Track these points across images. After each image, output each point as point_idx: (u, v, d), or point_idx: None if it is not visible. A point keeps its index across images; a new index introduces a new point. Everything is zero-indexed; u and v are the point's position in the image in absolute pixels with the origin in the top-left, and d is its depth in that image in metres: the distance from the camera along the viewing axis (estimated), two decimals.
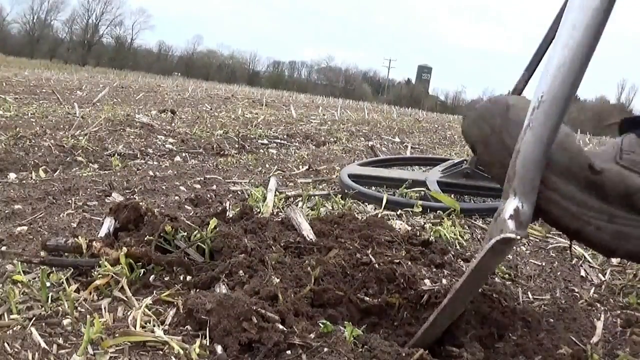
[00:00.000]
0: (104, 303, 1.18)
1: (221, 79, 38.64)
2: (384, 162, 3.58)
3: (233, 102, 10.26)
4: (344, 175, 2.80)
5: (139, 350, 1.03)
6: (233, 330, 1.05)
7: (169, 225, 1.46)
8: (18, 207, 1.88)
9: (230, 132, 4.66)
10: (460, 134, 1.47)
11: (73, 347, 1.01)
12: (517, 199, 1.05)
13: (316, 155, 4.10)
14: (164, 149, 3.60)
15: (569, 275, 1.73)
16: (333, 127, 6.71)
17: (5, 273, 1.28)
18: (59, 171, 2.66)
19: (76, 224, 1.77)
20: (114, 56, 43.30)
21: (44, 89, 7.92)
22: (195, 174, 2.89)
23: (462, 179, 2.81)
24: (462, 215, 2.34)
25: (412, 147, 5.76)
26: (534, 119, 1.04)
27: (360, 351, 1.05)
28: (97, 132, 3.73)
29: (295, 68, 52.26)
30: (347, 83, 49.03)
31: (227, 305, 1.07)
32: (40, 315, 1.10)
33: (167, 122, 4.82)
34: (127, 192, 2.32)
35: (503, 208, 1.07)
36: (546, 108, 1.03)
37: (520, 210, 1.04)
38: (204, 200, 2.26)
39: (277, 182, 2.59)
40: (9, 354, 0.96)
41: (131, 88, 10.93)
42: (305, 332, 1.09)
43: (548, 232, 2.31)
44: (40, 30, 42.45)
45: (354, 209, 2.36)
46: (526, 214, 1.04)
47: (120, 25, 45.52)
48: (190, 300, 1.13)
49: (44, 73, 14.75)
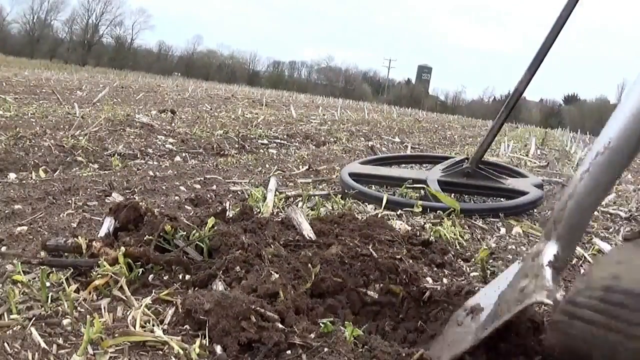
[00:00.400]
0: (103, 303, 1.18)
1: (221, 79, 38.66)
2: (385, 160, 3.58)
3: (233, 102, 10.27)
4: (344, 174, 2.80)
5: (138, 350, 1.02)
6: (232, 330, 1.05)
7: (169, 225, 1.46)
8: (18, 207, 1.88)
9: (230, 132, 4.67)
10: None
11: (73, 347, 1.01)
12: (559, 244, 1.00)
13: (316, 155, 4.11)
14: (164, 149, 3.60)
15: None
16: (333, 127, 6.71)
17: (5, 273, 1.28)
18: (59, 171, 2.66)
19: (76, 224, 1.77)
20: (114, 56, 43.30)
21: (44, 89, 7.92)
22: (195, 174, 2.89)
23: (463, 178, 2.81)
24: (462, 215, 2.34)
25: (412, 147, 5.76)
26: (596, 164, 0.97)
27: (360, 351, 1.05)
28: (97, 132, 3.73)
29: (295, 68, 52.32)
30: (347, 83, 49.05)
31: (225, 305, 1.07)
32: (40, 315, 1.10)
33: (167, 122, 4.82)
34: (127, 192, 2.32)
35: (542, 251, 1.02)
36: (612, 156, 0.96)
37: (560, 257, 0.99)
38: (204, 200, 2.26)
39: (277, 182, 2.59)
40: (9, 354, 0.96)
41: (131, 88, 10.94)
42: (305, 332, 1.09)
43: None
44: (40, 30, 42.49)
45: (354, 209, 2.36)
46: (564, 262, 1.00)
47: (120, 25, 45.59)
48: (189, 300, 1.12)
49: (44, 73, 14.76)
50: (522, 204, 2.57)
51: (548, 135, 11.34)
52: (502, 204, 2.69)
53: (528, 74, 2.58)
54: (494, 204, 2.77)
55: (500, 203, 2.74)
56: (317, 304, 1.23)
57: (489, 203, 2.86)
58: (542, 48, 2.54)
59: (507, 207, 2.57)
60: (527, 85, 2.61)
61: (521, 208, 2.57)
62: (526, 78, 2.59)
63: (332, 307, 1.24)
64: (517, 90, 2.63)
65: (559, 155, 7.10)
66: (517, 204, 2.57)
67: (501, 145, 6.35)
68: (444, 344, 1.13)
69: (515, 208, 2.55)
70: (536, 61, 2.56)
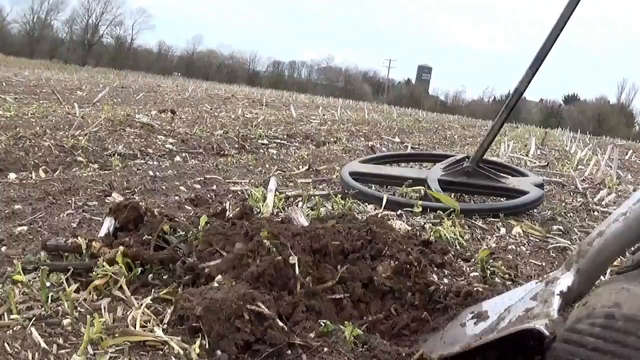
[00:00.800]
0: (103, 303, 1.18)
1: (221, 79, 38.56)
2: (386, 158, 3.57)
3: (233, 102, 10.26)
4: (345, 173, 2.80)
5: (138, 350, 1.02)
6: (227, 333, 1.04)
7: (167, 224, 1.46)
8: (18, 207, 1.88)
9: (230, 132, 4.66)
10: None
11: (73, 347, 1.01)
12: (576, 277, 1.01)
13: (316, 155, 4.10)
14: (164, 149, 3.60)
15: None
16: (333, 127, 6.71)
17: (5, 273, 1.27)
18: (59, 171, 2.66)
19: (76, 224, 1.77)
20: (114, 56, 43.22)
21: (44, 89, 7.92)
22: (195, 174, 2.89)
23: (464, 177, 2.81)
24: (462, 215, 2.34)
25: (412, 147, 5.76)
26: (635, 210, 0.98)
27: (360, 351, 1.05)
28: (97, 132, 3.73)
29: (295, 68, 52.23)
30: (347, 83, 48.97)
31: (215, 309, 1.06)
32: (40, 315, 1.10)
33: (167, 122, 4.82)
34: (127, 192, 2.32)
35: (558, 279, 1.03)
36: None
37: (574, 289, 1.00)
38: (204, 200, 2.26)
39: (277, 182, 2.59)
40: (9, 354, 0.96)
41: (131, 88, 10.93)
42: (305, 331, 1.09)
43: (548, 232, 2.31)
44: (40, 30, 42.43)
45: (354, 209, 2.36)
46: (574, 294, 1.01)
47: (120, 25, 45.51)
48: (179, 305, 1.11)
49: (44, 73, 14.74)
50: (523, 204, 2.57)
51: (548, 135, 11.32)
52: (502, 203, 2.69)
53: (529, 74, 2.58)
54: (494, 204, 2.77)
55: (500, 203, 2.74)
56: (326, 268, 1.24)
57: (489, 203, 2.86)
58: (543, 48, 2.54)
59: (507, 207, 2.56)
60: (528, 85, 2.61)
61: (521, 208, 2.56)
62: (527, 78, 2.58)
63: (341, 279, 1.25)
64: (517, 90, 2.63)
65: (559, 155, 7.10)
66: (517, 204, 2.57)
67: (501, 145, 6.35)
68: (440, 340, 1.14)
69: (516, 208, 2.54)
70: (537, 61, 2.56)
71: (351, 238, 1.46)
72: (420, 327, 1.23)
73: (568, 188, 3.75)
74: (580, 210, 2.95)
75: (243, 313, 1.05)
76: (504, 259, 1.83)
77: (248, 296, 1.08)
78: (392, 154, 4.10)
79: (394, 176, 2.96)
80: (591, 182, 4.09)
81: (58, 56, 40.97)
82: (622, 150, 8.40)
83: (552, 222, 2.55)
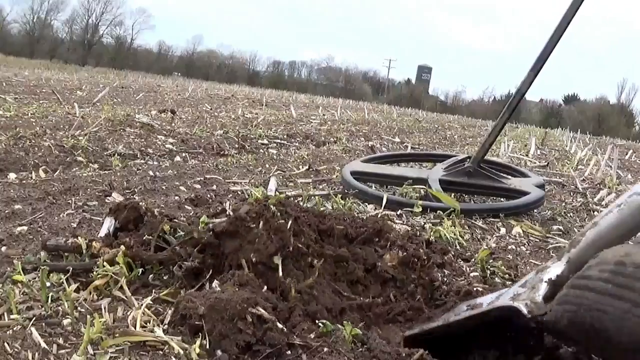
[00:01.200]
0: (103, 303, 1.18)
1: (221, 79, 38.54)
2: (388, 158, 3.57)
3: (233, 102, 10.26)
4: (346, 173, 2.80)
5: (139, 350, 1.02)
6: (229, 333, 1.04)
7: (167, 224, 1.46)
8: (18, 207, 1.88)
9: (230, 132, 4.66)
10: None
11: (73, 347, 1.01)
12: (567, 266, 1.02)
13: (316, 155, 4.10)
14: (164, 149, 3.60)
15: None
16: (333, 127, 6.71)
17: (5, 273, 1.27)
18: (59, 171, 2.66)
19: (76, 224, 1.76)
20: (114, 56, 43.19)
21: (44, 89, 7.92)
22: (195, 174, 2.89)
23: (465, 177, 2.80)
24: (462, 215, 2.34)
25: (412, 147, 5.76)
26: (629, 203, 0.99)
27: (360, 351, 1.05)
28: (97, 132, 3.73)
29: (295, 68, 52.20)
30: (347, 83, 48.95)
31: (219, 308, 1.06)
32: (40, 315, 1.10)
33: (167, 122, 4.81)
34: (127, 192, 2.32)
35: (549, 268, 1.04)
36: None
37: (561, 277, 1.01)
38: (204, 200, 2.26)
39: (277, 182, 2.59)
40: (9, 354, 0.96)
41: (131, 88, 10.93)
42: (305, 332, 1.09)
43: (548, 232, 2.32)
44: (40, 30, 42.42)
45: (354, 209, 2.36)
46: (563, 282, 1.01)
47: (120, 25, 45.49)
48: (182, 304, 1.11)
49: (44, 73, 14.74)
50: (523, 204, 2.57)
51: (548, 135, 11.32)
52: (502, 204, 2.68)
53: (531, 75, 2.58)
54: (495, 204, 2.77)
55: (500, 203, 2.74)
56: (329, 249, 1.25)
57: (489, 203, 2.86)
58: (546, 49, 2.54)
59: (507, 207, 2.56)
60: (529, 85, 2.61)
61: (522, 208, 2.56)
62: (529, 79, 2.58)
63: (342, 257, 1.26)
64: (519, 90, 2.63)
65: (559, 155, 7.10)
66: (517, 204, 2.57)
67: (501, 145, 6.35)
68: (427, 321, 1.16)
69: (516, 208, 2.54)
70: (539, 62, 2.56)
71: (355, 225, 1.47)
72: (416, 316, 1.25)
73: (568, 188, 3.75)
74: (580, 210, 2.95)
75: (246, 315, 1.05)
76: (504, 259, 1.83)
77: (252, 300, 1.08)
78: (394, 153, 4.11)
79: (395, 176, 2.96)
80: (591, 182, 4.09)
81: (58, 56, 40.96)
82: (622, 150, 8.40)
83: (552, 222, 2.55)
